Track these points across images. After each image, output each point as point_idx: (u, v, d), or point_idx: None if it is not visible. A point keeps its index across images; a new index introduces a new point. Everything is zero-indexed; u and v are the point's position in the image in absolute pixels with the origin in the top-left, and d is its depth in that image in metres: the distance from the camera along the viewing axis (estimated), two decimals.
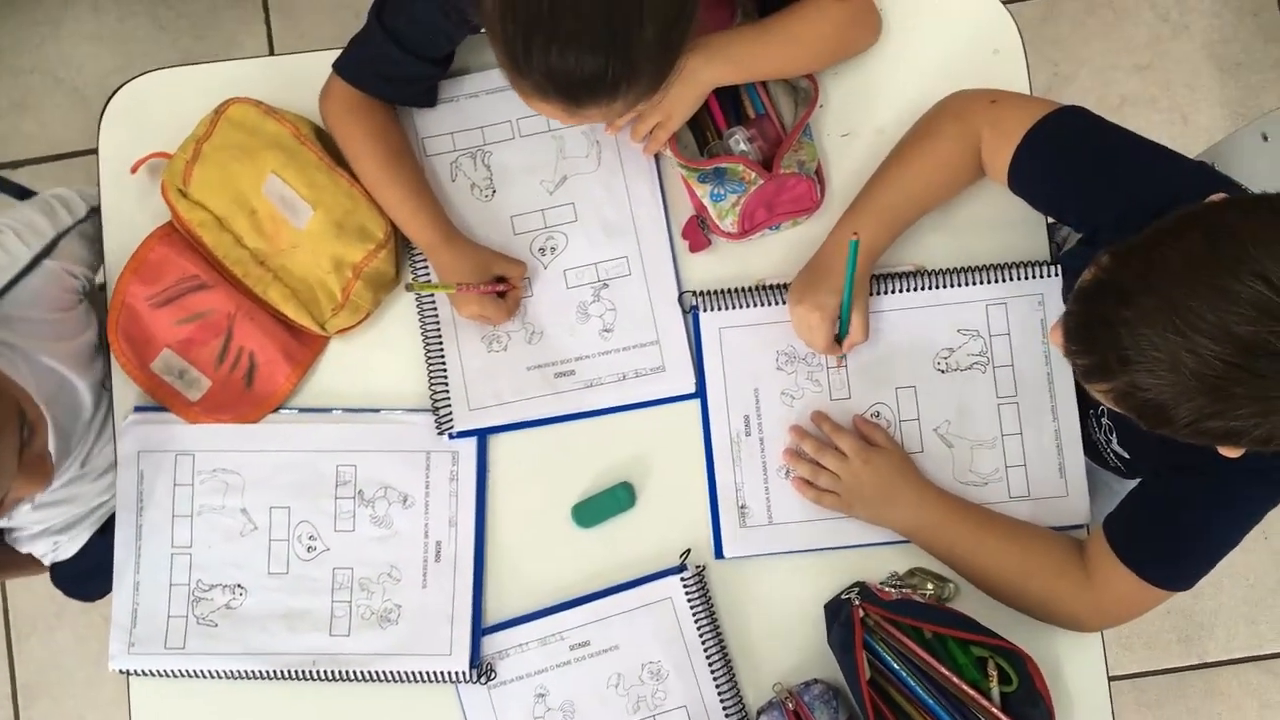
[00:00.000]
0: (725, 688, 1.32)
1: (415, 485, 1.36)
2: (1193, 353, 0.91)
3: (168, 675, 1.35)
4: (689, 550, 1.34)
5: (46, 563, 1.62)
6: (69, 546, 1.59)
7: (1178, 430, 0.96)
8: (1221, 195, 1.00)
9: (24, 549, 1.55)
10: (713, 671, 1.32)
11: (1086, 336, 0.99)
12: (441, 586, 1.35)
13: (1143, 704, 2.31)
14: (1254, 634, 2.32)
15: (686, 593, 1.33)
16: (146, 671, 1.35)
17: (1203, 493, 1.17)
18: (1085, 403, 1.34)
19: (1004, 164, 1.26)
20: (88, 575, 1.55)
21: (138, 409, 1.39)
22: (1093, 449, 1.36)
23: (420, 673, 1.33)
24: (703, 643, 1.33)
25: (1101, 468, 1.38)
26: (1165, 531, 1.21)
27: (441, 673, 1.33)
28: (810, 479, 1.34)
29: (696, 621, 1.33)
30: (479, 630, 1.34)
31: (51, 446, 1.28)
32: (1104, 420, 1.33)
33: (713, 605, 1.34)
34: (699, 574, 1.34)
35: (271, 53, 2.39)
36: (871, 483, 1.31)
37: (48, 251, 1.34)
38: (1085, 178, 1.21)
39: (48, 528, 1.55)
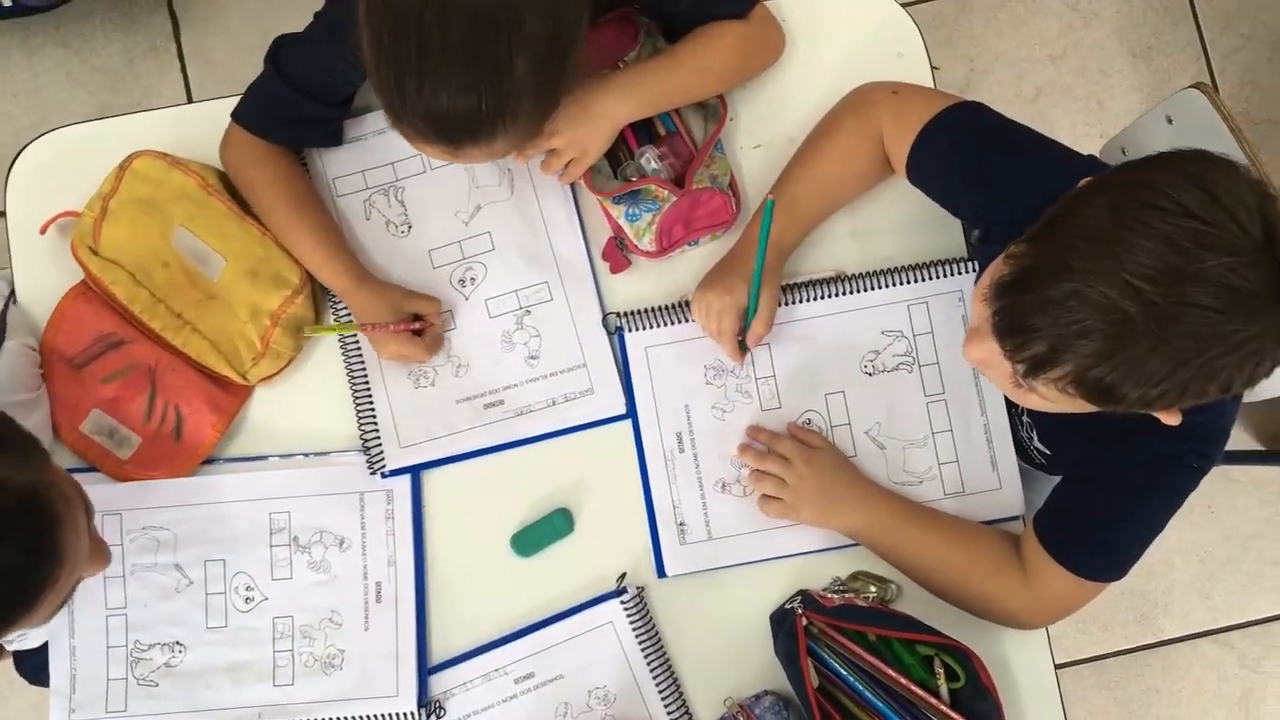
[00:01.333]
0: (674, 706, 1.31)
1: (351, 527, 1.35)
2: (1134, 301, 0.90)
3: None
4: (625, 574, 1.34)
5: (10, 649, 1.58)
6: (35, 637, 1.56)
7: (1131, 404, 0.96)
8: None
9: None
10: (660, 692, 1.32)
11: (1024, 328, 0.97)
12: (384, 628, 1.33)
13: (1104, 685, 2.32)
14: (1208, 609, 2.35)
15: (627, 615, 1.32)
16: None
17: (1122, 484, 1.19)
18: (1008, 401, 1.35)
19: (903, 156, 1.27)
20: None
21: (67, 471, 1.37)
22: (1019, 447, 1.37)
23: (368, 717, 1.31)
24: (648, 663, 1.32)
25: (1026, 464, 1.39)
26: (1091, 525, 1.22)
27: (390, 715, 1.31)
28: (755, 487, 1.34)
29: (640, 643, 1.32)
30: (425, 669, 1.33)
31: None
32: (1024, 419, 1.34)
33: (654, 626, 1.34)
34: (639, 595, 1.33)
35: (189, 100, 2.37)
36: (816, 483, 1.31)
37: (1, 331, 1.32)
38: (979, 174, 1.22)
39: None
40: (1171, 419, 1.03)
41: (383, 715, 1.32)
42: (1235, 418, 1.20)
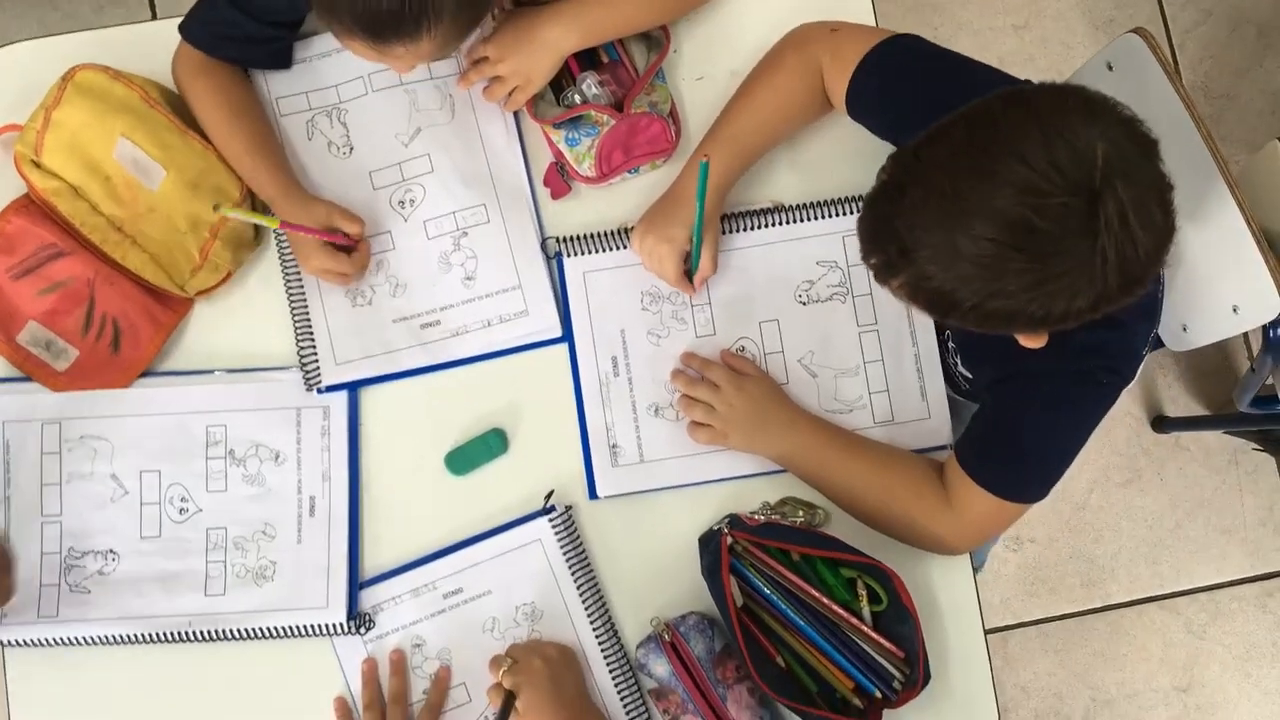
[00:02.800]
0: (600, 625, 1.33)
1: (286, 442, 1.36)
2: (965, 235, 0.95)
3: (42, 644, 1.33)
4: (552, 491, 1.35)
5: None
6: None
7: (965, 317, 1.00)
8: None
9: None
10: (587, 609, 1.33)
11: (872, 238, 1.04)
12: (316, 541, 1.34)
13: (1048, 649, 2.35)
14: (1155, 574, 2.37)
15: (555, 533, 1.34)
16: (19, 642, 1.33)
17: (1033, 401, 1.21)
18: (938, 328, 1.37)
19: (842, 92, 1.29)
20: None
21: (2, 380, 1.38)
22: (948, 375, 1.39)
23: (298, 626, 1.33)
24: (575, 582, 1.33)
25: (957, 394, 1.41)
26: (1008, 445, 1.24)
27: (319, 625, 1.32)
28: (685, 413, 1.35)
29: (567, 560, 1.33)
30: (355, 583, 1.34)
31: None
32: (950, 344, 1.36)
33: (582, 544, 1.35)
34: (566, 514, 1.35)
35: (154, 17, 2.37)
36: (744, 409, 1.32)
37: None
38: (917, 102, 1.24)
39: None
40: (1032, 342, 1.07)
41: (312, 626, 1.33)
42: (1147, 340, 1.22)
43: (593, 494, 1.36)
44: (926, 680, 1.26)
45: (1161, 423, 2.36)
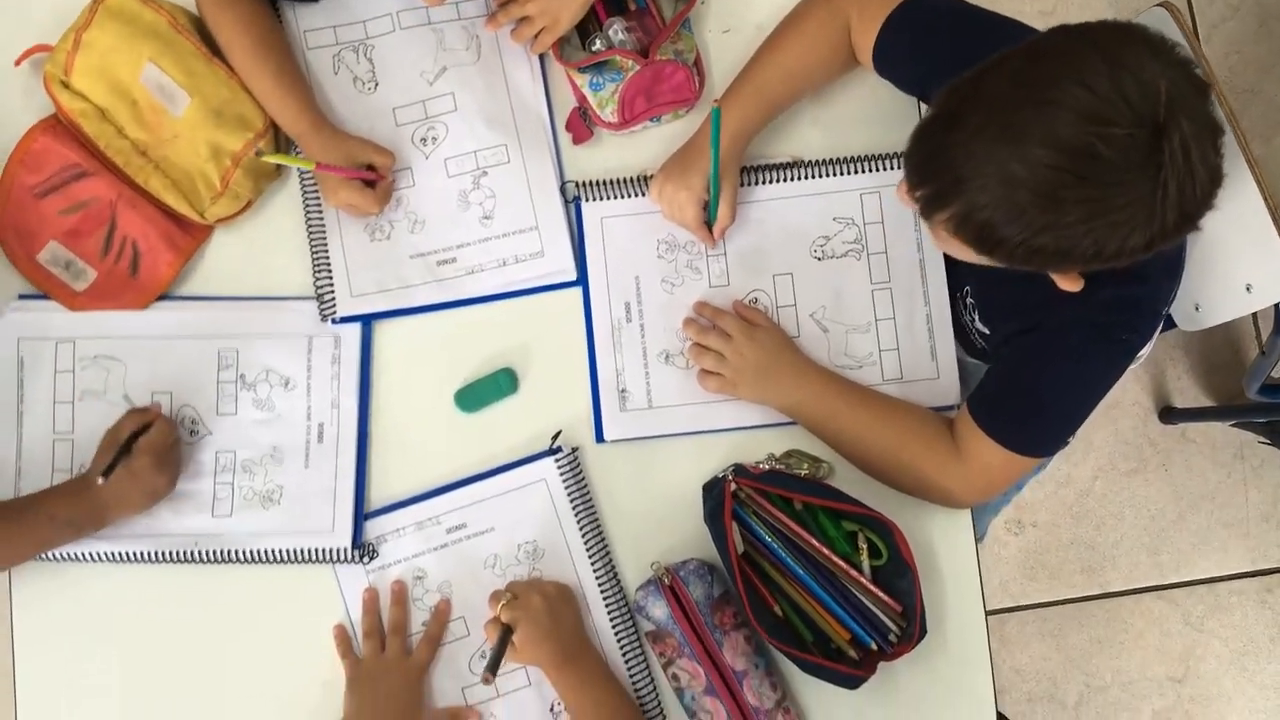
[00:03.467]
0: (600, 566, 1.33)
1: (297, 368, 1.37)
2: (1021, 162, 0.94)
3: (50, 559, 1.34)
4: (560, 432, 1.36)
5: None
6: None
7: (1011, 253, 1.00)
8: None
9: None
10: (588, 550, 1.34)
11: (923, 169, 1.03)
12: (324, 467, 1.35)
13: (1046, 633, 2.35)
14: (1155, 564, 2.37)
15: (560, 473, 1.34)
16: (40, 557, 1.34)
17: (1055, 353, 1.21)
18: (953, 285, 1.37)
19: (868, 48, 1.29)
20: None
21: (21, 297, 1.39)
22: (962, 334, 1.39)
23: (302, 550, 1.34)
24: (578, 522, 1.34)
25: (969, 356, 1.41)
26: (1021, 398, 1.25)
27: (324, 550, 1.33)
28: (695, 361, 1.36)
29: (571, 502, 1.34)
30: (361, 511, 1.35)
31: None
32: (969, 300, 1.36)
33: (586, 486, 1.36)
34: (572, 455, 1.36)
35: None
36: (755, 360, 1.33)
37: None
38: (945, 57, 1.23)
39: None
40: (1070, 285, 1.07)
41: (317, 550, 1.34)
42: (1168, 300, 1.22)
43: (600, 437, 1.37)
44: (922, 635, 1.26)
45: (1169, 414, 2.36)
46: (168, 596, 1.36)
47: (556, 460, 1.35)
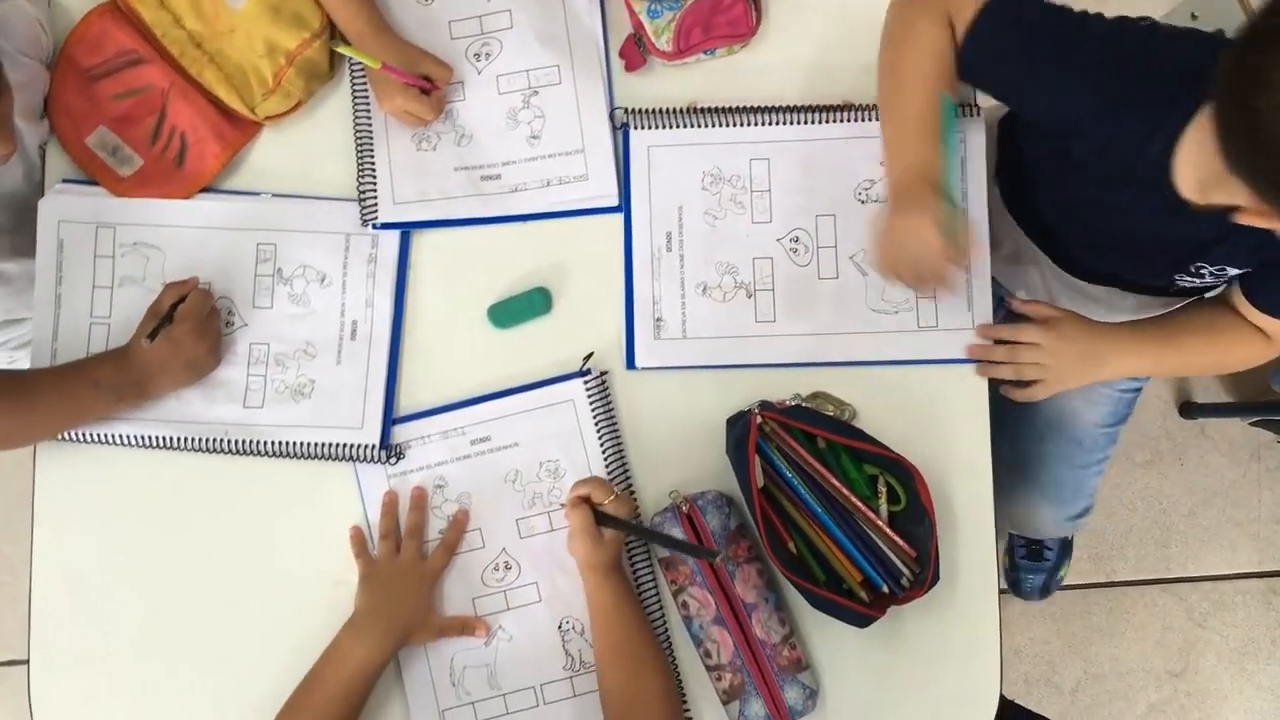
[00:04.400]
0: (620, 488, 1.34)
1: (333, 265, 1.38)
2: None
3: (80, 439, 1.36)
4: (591, 354, 1.36)
5: None
6: (23, 364, 1.60)
7: None
8: None
9: None
10: (609, 473, 1.34)
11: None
12: (356, 364, 1.36)
13: (1048, 616, 2.35)
14: (1163, 557, 2.37)
15: (588, 395, 1.35)
16: (65, 437, 1.36)
17: None
18: (1168, 276, 1.35)
19: (953, 56, 1.25)
20: None
21: (64, 181, 1.40)
22: (1186, 293, 1.42)
23: (331, 445, 1.35)
24: (601, 445, 1.35)
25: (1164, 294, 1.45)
26: None
27: (351, 446, 1.35)
28: (1015, 377, 1.38)
29: (596, 424, 1.35)
30: (391, 411, 1.36)
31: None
32: (1206, 270, 1.30)
33: (613, 410, 1.37)
34: (601, 378, 1.36)
35: None
36: (1070, 353, 1.37)
37: None
38: (1049, 67, 1.19)
39: (6, 341, 1.56)
40: None
41: (345, 446, 1.35)
42: None
43: (630, 364, 1.38)
44: (935, 581, 1.27)
45: (1189, 409, 2.36)
46: (188, 485, 1.38)
47: (585, 382, 1.35)
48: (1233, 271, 1.30)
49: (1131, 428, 2.29)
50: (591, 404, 1.35)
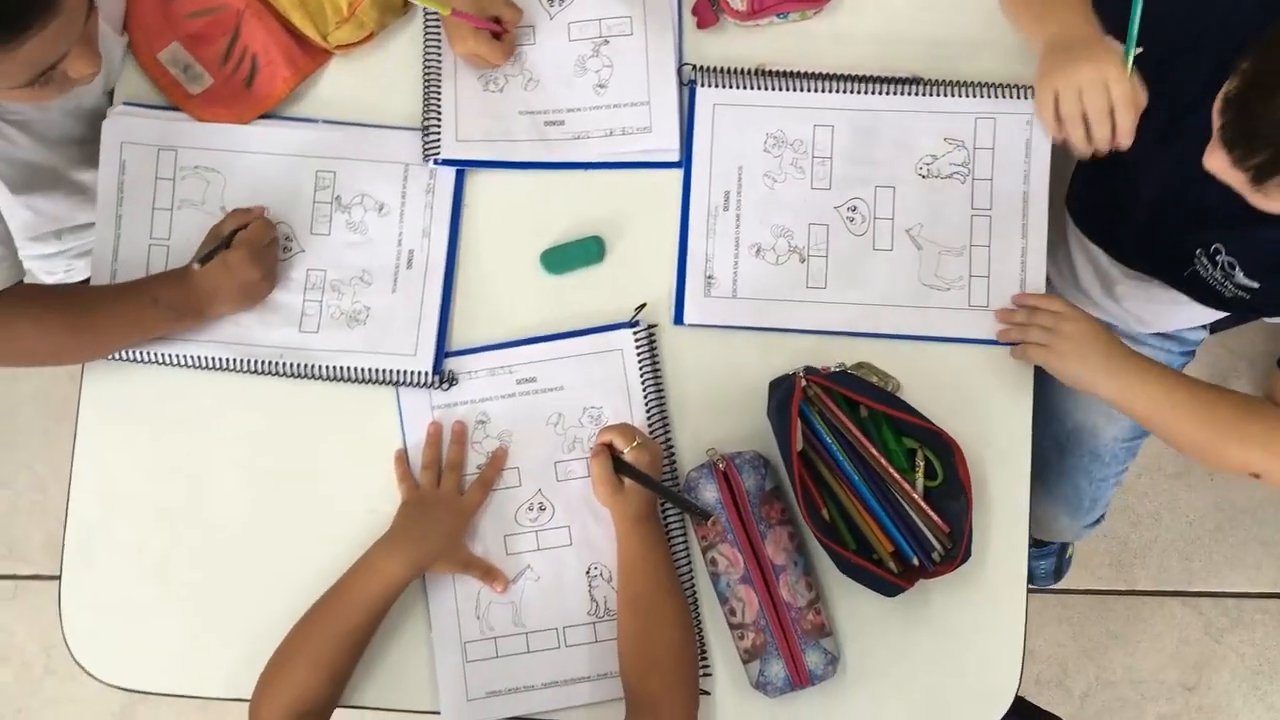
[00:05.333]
0: (660, 441, 1.34)
1: (392, 195, 1.39)
2: None
3: (137, 360, 1.37)
4: (644, 305, 1.37)
5: (54, 280, 1.65)
6: (82, 273, 1.62)
7: None
8: None
9: (37, 267, 1.56)
10: (650, 426, 1.35)
11: (1254, 136, 1.00)
12: (411, 292, 1.37)
13: (1064, 619, 2.35)
14: (1185, 570, 2.36)
15: (637, 347, 1.36)
16: (118, 356, 1.38)
17: None
18: (1191, 246, 1.33)
19: None
20: None
21: (126, 104, 1.41)
22: (1204, 291, 1.37)
23: (384, 370, 1.36)
24: (645, 397, 1.35)
25: (1217, 308, 1.40)
26: None
27: (405, 372, 1.36)
28: (1020, 339, 1.34)
29: (642, 376, 1.35)
30: (444, 338, 1.37)
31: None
32: (1220, 258, 1.30)
33: (659, 363, 1.37)
34: (650, 331, 1.37)
35: None
36: (1080, 338, 1.30)
37: None
38: None
39: (69, 249, 1.58)
40: None
41: (399, 372, 1.36)
42: None
43: (678, 319, 1.38)
44: (966, 558, 1.27)
45: None
46: (233, 408, 1.39)
47: (635, 333, 1.36)
48: (1241, 276, 1.29)
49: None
50: (639, 355, 1.36)
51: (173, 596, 1.38)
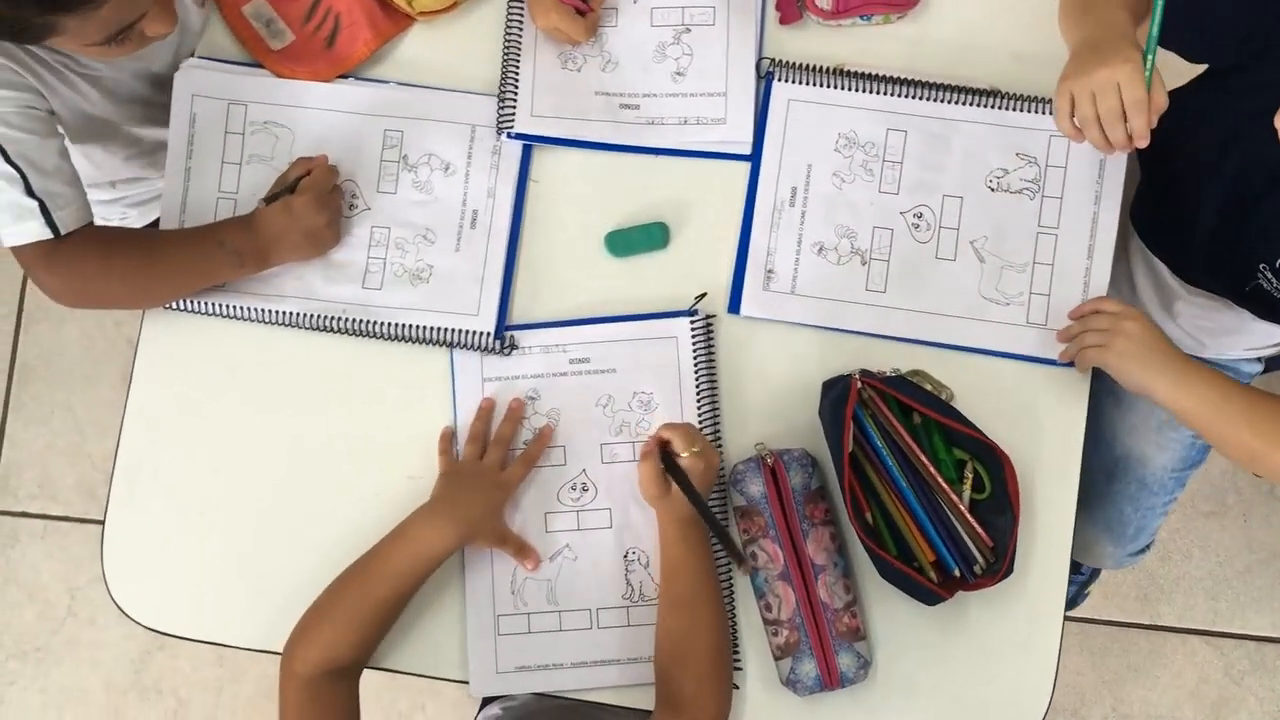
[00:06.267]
0: (708, 434, 1.35)
1: (458, 155, 1.39)
2: None
3: (200, 311, 1.39)
4: (704, 294, 1.37)
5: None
6: (136, 221, 1.64)
7: None
8: None
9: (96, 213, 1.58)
10: (700, 416, 1.35)
11: None
12: (474, 252, 1.38)
13: (1086, 649, 2.33)
14: (1211, 609, 2.34)
15: (693, 336, 1.36)
16: (180, 306, 1.39)
17: None
18: (1250, 263, 1.32)
19: None
20: None
21: (199, 57, 1.42)
22: (1263, 305, 1.36)
23: (447, 330, 1.36)
24: (696, 387, 1.35)
25: (1272, 321, 1.39)
26: None
27: (468, 332, 1.36)
28: (1076, 344, 1.33)
29: (695, 366, 1.35)
30: (507, 301, 1.38)
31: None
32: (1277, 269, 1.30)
33: (713, 353, 1.37)
34: (707, 321, 1.37)
35: None
36: (1139, 338, 1.28)
37: None
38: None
39: (123, 197, 1.59)
40: None
41: (461, 332, 1.36)
42: None
43: (734, 308, 1.38)
44: (1008, 573, 1.26)
45: None
46: (287, 364, 1.40)
47: (692, 322, 1.36)
48: None
49: (1200, 476, 2.25)
50: (695, 345, 1.36)
51: (210, 547, 1.39)
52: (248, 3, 1.42)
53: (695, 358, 1.36)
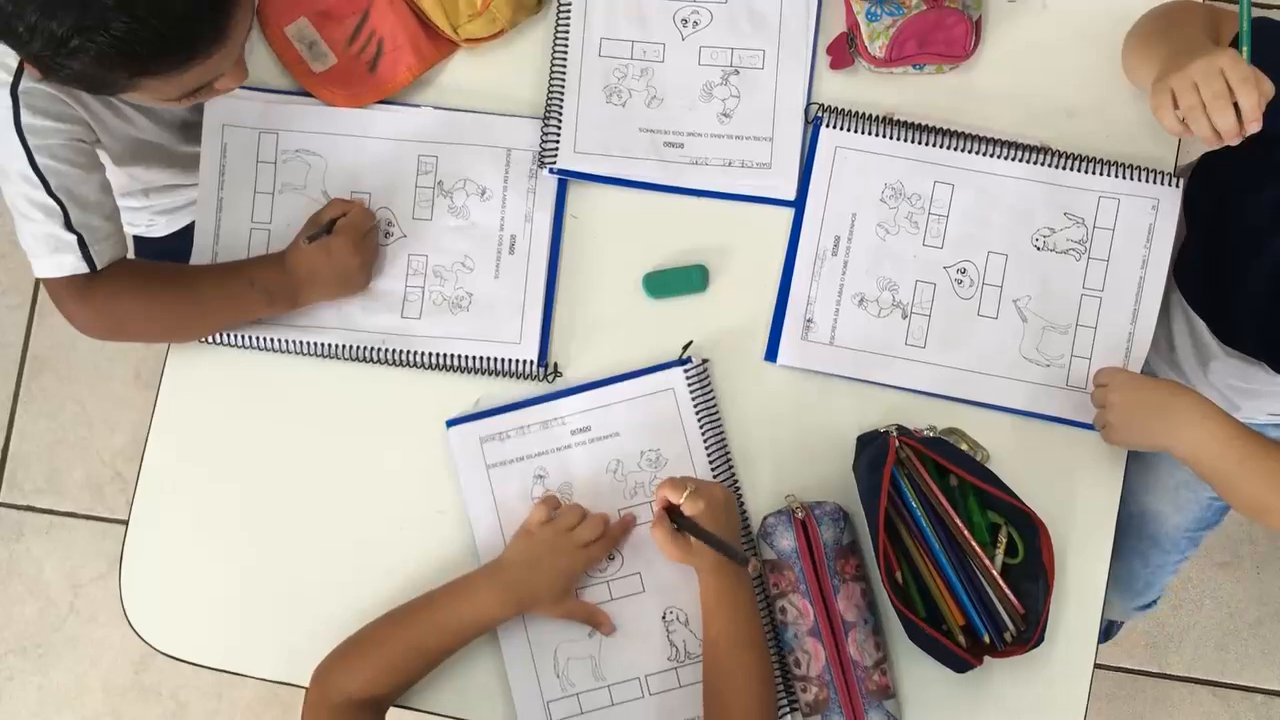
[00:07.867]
0: (723, 479, 1.33)
1: (494, 180, 1.37)
2: None
3: (238, 345, 1.37)
4: (690, 342, 1.35)
5: (135, 233, 1.64)
6: (164, 229, 1.62)
7: None
8: None
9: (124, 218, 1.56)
10: (712, 466, 1.33)
11: None
12: (514, 279, 1.36)
13: (1092, 694, 2.31)
14: (1220, 660, 2.33)
15: (689, 385, 1.33)
16: (217, 340, 1.37)
17: None
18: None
19: None
20: (169, 257, 1.56)
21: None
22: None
23: (489, 358, 1.35)
24: (703, 435, 1.33)
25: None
26: None
27: (510, 360, 1.35)
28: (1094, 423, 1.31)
29: (698, 414, 1.33)
30: (549, 326, 1.37)
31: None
32: None
33: (714, 398, 1.35)
34: (701, 367, 1.35)
35: None
36: (1130, 404, 1.26)
37: None
38: None
39: (153, 205, 1.57)
40: None
41: (504, 360, 1.35)
42: None
43: (771, 356, 1.36)
44: (1039, 642, 1.25)
45: None
46: (317, 393, 1.38)
47: (685, 371, 1.34)
48: None
49: (1217, 527, 2.25)
50: (692, 393, 1.34)
51: (228, 572, 1.37)
52: (290, 23, 1.39)
53: (695, 406, 1.34)
